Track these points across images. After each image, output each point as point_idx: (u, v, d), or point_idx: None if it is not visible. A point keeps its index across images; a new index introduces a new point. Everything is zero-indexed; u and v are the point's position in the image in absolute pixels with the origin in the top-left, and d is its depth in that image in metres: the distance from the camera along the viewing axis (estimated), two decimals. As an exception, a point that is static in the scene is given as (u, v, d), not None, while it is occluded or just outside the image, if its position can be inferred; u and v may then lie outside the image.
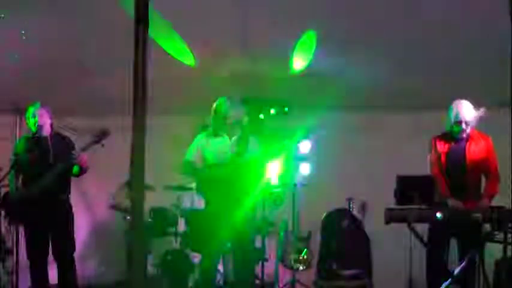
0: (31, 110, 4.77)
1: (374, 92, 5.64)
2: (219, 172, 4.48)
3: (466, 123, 4.42)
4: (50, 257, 4.86)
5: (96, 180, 6.10)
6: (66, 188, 4.89)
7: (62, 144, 4.83)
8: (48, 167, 4.68)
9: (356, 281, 5.56)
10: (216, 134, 4.61)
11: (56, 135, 4.90)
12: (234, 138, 4.54)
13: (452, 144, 4.53)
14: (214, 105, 4.59)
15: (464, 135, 4.48)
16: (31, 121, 4.77)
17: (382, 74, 5.36)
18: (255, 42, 5.03)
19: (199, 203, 6.06)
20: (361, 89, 5.56)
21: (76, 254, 4.95)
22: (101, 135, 4.68)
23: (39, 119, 4.74)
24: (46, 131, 4.80)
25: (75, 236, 4.95)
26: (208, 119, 4.72)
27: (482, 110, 4.45)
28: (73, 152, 4.63)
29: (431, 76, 5.41)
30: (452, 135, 4.53)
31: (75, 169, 4.79)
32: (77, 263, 4.93)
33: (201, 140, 4.66)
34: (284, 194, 5.83)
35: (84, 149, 4.68)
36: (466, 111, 4.43)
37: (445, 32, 4.73)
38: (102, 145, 4.71)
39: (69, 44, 4.88)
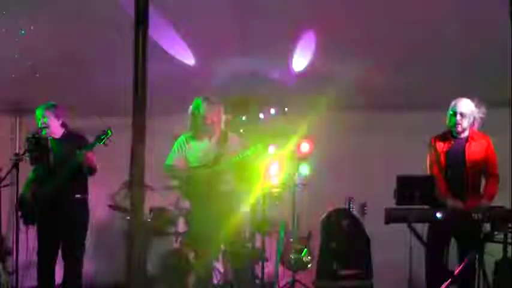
0: (39, 111, 4.82)
1: (374, 92, 5.63)
2: (203, 174, 4.47)
3: (462, 115, 4.42)
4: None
5: (96, 181, 6.10)
6: (79, 188, 4.88)
7: (69, 144, 4.77)
8: (48, 167, 4.68)
9: (356, 281, 5.56)
10: (196, 137, 4.57)
11: (68, 136, 4.89)
12: (213, 139, 4.53)
13: (452, 144, 4.52)
14: (191, 106, 4.54)
15: (460, 129, 4.46)
16: (39, 121, 4.83)
17: (381, 74, 5.35)
18: (255, 42, 5.03)
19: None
20: (361, 89, 5.56)
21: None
22: (103, 134, 4.68)
23: (42, 119, 4.78)
24: (51, 133, 4.82)
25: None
26: (187, 121, 4.66)
27: (482, 109, 4.45)
28: (78, 151, 4.61)
29: (431, 76, 5.40)
30: (451, 132, 4.53)
31: (86, 169, 4.76)
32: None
33: (181, 143, 4.63)
34: (283, 193, 5.83)
35: (88, 148, 4.68)
36: (462, 104, 4.44)
37: (445, 32, 4.73)
38: (106, 144, 4.71)
39: (69, 43, 4.88)
